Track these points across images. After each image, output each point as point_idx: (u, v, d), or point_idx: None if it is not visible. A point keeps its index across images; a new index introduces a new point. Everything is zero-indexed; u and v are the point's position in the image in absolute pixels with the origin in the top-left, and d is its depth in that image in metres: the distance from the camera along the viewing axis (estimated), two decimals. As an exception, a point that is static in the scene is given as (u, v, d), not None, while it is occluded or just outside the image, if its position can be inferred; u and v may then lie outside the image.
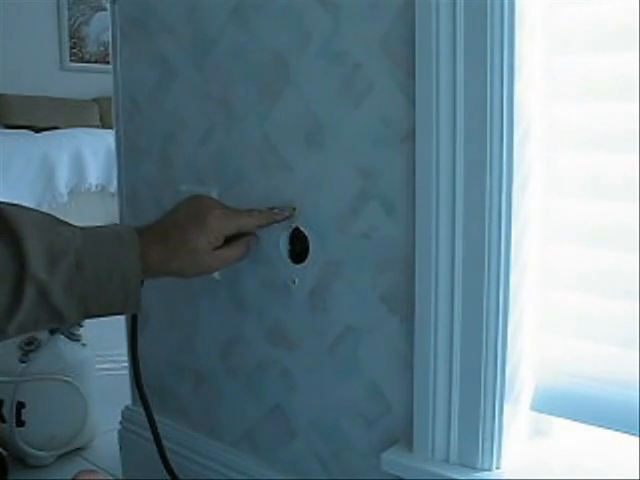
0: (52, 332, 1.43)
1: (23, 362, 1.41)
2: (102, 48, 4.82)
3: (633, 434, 0.75)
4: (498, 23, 0.72)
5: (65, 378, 1.44)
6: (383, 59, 0.83)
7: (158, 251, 0.83)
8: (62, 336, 1.45)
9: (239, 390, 1.08)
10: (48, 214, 0.79)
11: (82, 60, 4.90)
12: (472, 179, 0.76)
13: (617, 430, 0.76)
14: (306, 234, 0.94)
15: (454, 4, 0.74)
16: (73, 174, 3.18)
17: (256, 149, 0.98)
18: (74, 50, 4.88)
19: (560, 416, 0.83)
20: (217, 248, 0.87)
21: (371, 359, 0.90)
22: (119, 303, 0.80)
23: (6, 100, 4.18)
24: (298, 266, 0.96)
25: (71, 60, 4.85)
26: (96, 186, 3.21)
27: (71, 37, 4.85)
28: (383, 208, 0.86)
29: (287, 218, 0.93)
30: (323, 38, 0.88)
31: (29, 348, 1.42)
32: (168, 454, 1.01)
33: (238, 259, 0.91)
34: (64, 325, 0.80)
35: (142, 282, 0.81)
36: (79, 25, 4.88)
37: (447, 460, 0.82)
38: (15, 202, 0.77)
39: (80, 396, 1.48)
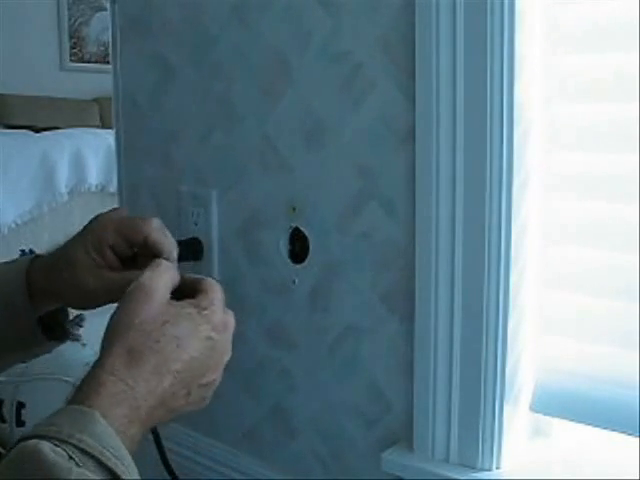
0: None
1: (23, 362, 1.41)
2: (102, 48, 4.82)
3: (632, 435, 0.75)
4: (498, 23, 0.72)
5: (65, 378, 1.44)
6: (383, 59, 0.83)
7: (44, 266, 0.69)
8: (62, 336, 1.45)
9: (239, 390, 1.08)
10: None
11: (82, 60, 4.90)
12: (472, 179, 0.76)
13: (616, 431, 0.76)
14: (306, 234, 0.94)
15: (454, 4, 0.74)
16: (73, 174, 3.17)
17: (256, 149, 0.98)
18: (74, 50, 4.88)
19: (559, 417, 0.83)
20: (112, 270, 0.66)
21: (371, 359, 0.90)
22: (5, 325, 0.67)
23: (6, 100, 4.18)
24: (298, 266, 0.96)
25: (71, 60, 4.85)
26: (96, 186, 3.21)
27: (71, 37, 4.85)
28: (383, 208, 0.86)
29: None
30: (323, 38, 0.88)
31: (29, 348, 1.42)
32: (168, 454, 1.01)
33: (122, 284, 0.60)
34: None
35: (38, 302, 0.68)
36: (79, 25, 4.88)
37: (447, 460, 0.82)
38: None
39: (80, 396, 1.48)
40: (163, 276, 0.58)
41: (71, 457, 0.46)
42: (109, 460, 0.47)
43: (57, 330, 0.72)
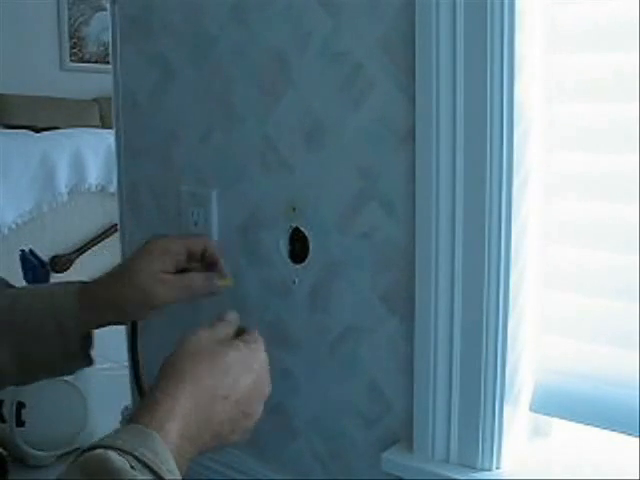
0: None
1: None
2: (102, 48, 4.82)
3: (633, 434, 0.75)
4: (498, 23, 0.72)
5: (65, 378, 1.44)
6: (383, 59, 0.83)
7: (99, 283, 0.77)
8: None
9: (239, 390, 1.08)
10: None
11: (82, 60, 4.89)
12: (472, 179, 0.76)
13: (616, 431, 0.76)
14: (306, 234, 0.94)
15: (454, 4, 0.74)
16: (73, 174, 3.17)
17: (256, 149, 0.98)
18: (74, 50, 4.87)
19: (559, 417, 0.83)
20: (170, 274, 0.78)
21: (371, 359, 0.90)
22: (56, 345, 0.74)
23: (6, 100, 4.18)
24: (298, 266, 0.96)
25: (71, 60, 4.85)
26: (96, 186, 3.21)
27: (71, 37, 4.84)
28: (383, 208, 0.86)
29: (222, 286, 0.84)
30: (323, 38, 0.88)
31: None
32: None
33: (184, 287, 0.80)
34: (2, 382, 0.76)
35: (84, 328, 0.76)
36: (79, 25, 4.87)
37: (447, 460, 0.82)
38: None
39: (80, 396, 1.48)
40: (217, 330, 0.68)
41: (132, 467, 0.50)
42: (165, 475, 0.52)
43: (84, 355, 0.80)
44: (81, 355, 0.77)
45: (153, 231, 1.17)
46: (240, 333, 0.70)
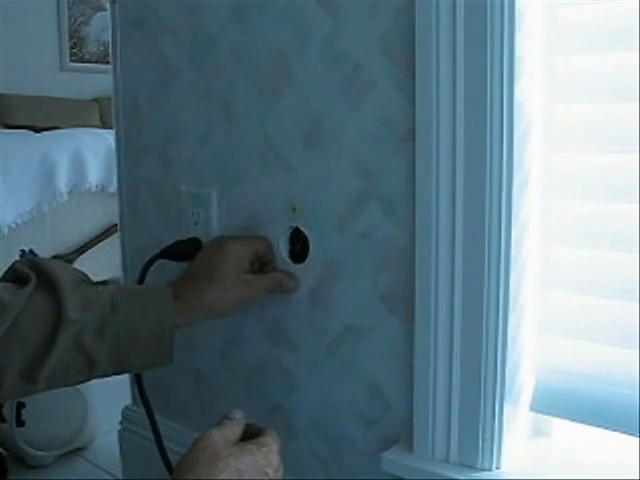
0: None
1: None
2: (102, 48, 4.82)
3: (633, 434, 0.75)
4: (498, 23, 0.72)
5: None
6: (383, 59, 0.83)
7: (189, 289, 0.85)
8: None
9: (239, 390, 1.08)
10: (81, 272, 0.83)
11: (82, 60, 4.89)
12: (472, 179, 0.76)
13: (617, 430, 0.76)
14: (306, 234, 0.94)
15: (454, 4, 0.74)
16: (73, 174, 3.17)
17: (256, 149, 0.98)
18: (74, 50, 4.87)
19: (559, 416, 0.83)
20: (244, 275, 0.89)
21: (371, 359, 0.90)
22: (152, 349, 0.81)
23: (6, 100, 4.18)
24: (298, 266, 0.96)
25: (71, 60, 4.84)
26: (96, 186, 3.20)
27: (71, 37, 4.84)
28: (383, 208, 0.86)
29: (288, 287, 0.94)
30: (323, 38, 0.88)
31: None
32: (168, 454, 1.01)
33: (266, 286, 0.92)
34: (94, 377, 0.81)
35: (174, 331, 0.83)
36: (79, 25, 4.87)
37: (447, 460, 0.82)
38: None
39: (80, 396, 1.48)
40: (227, 430, 0.71)
41: None
42: None
43: (171, 356, 0.86)
44: (169, 356, 0.83)
45: (153, 231, 1.17)
46: (256, 432, 0.73)
